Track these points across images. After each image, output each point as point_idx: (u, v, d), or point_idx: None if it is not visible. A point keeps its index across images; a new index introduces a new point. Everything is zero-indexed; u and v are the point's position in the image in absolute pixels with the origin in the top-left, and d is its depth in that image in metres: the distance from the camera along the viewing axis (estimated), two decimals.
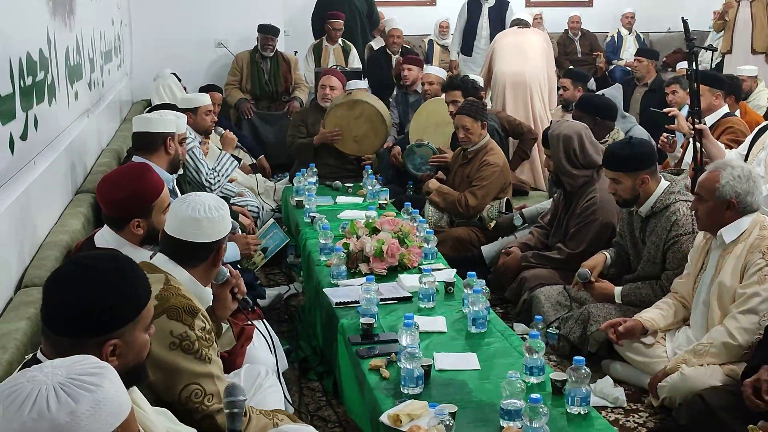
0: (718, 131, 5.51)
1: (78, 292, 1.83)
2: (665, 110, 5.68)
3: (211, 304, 2.76)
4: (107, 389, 1.46)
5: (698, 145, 4.59)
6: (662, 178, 4.07)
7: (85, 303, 1.81)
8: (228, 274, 2.83)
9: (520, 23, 8.12)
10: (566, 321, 4.10)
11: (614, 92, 7.32)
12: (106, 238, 3.06)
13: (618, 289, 4.14)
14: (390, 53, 8.95)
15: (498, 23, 8.95)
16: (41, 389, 1.41)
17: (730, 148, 5.33)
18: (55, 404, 1.39)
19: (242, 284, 2.91)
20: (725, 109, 5.72)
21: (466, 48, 9.31)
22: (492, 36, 8.73)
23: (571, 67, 9.18)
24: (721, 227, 3.54)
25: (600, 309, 4.01)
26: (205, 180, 5.15)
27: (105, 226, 3.12)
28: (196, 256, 2.67)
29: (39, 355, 1.84)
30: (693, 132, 4.67)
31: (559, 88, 7.55)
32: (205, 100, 5.79)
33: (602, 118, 5.48)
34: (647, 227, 4.09)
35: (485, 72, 7.94)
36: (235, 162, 5.59)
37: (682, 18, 4.79)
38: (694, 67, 4.76)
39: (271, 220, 4.62)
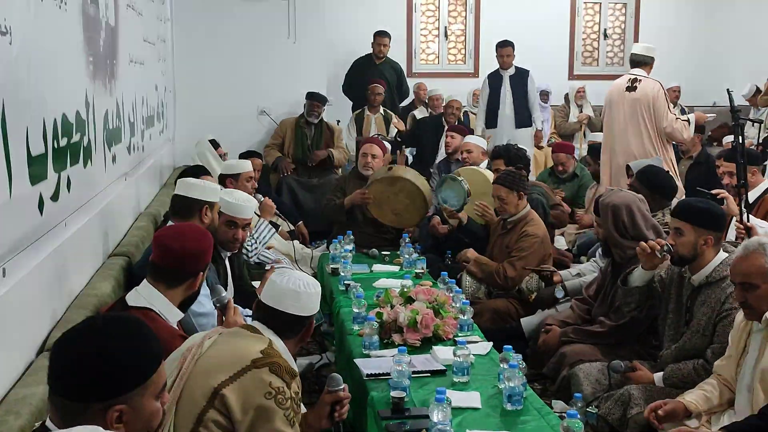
0: (763, 209, 5.37)
1: (82, 354, 1.76)
2: (714, 192, 5.46)
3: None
4: None
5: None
6: (721, 250, 3.91)
7: (89, 365, 1.74)
8: (344, 386, 2.92)
9: (634, 64, 7.30)
10: (606, 400, 3.91)
11: (655, 163, 7.18)
12: (143, 295, 3.00)
13: (658, 375, 3.91)
14: (445, 123, 8.72)
15: (521, 92, 8.96)
16: None
17: None
18: None
19: (347, 409, 2.96)
20: (765, 184, 5.61)
21: (491, 120, 9.12)
22: (516, 104, 8.86)
23: None
24: None
25: (641, 391, 3.79)
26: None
27: (143, 282, 3.05)
28: (291, 328, 2.84)
29: (48, 422, 1.77)
30: (744, 229, 4.55)
31: None
32: (247, 167, 5.82)
33: (661, 196, 5.33)
34: (698, 297, 3.90)
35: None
36: (273, 230, 5.55)
37: (728, 90, 4.72)
38: (740, 140, 4.65)
39: None
